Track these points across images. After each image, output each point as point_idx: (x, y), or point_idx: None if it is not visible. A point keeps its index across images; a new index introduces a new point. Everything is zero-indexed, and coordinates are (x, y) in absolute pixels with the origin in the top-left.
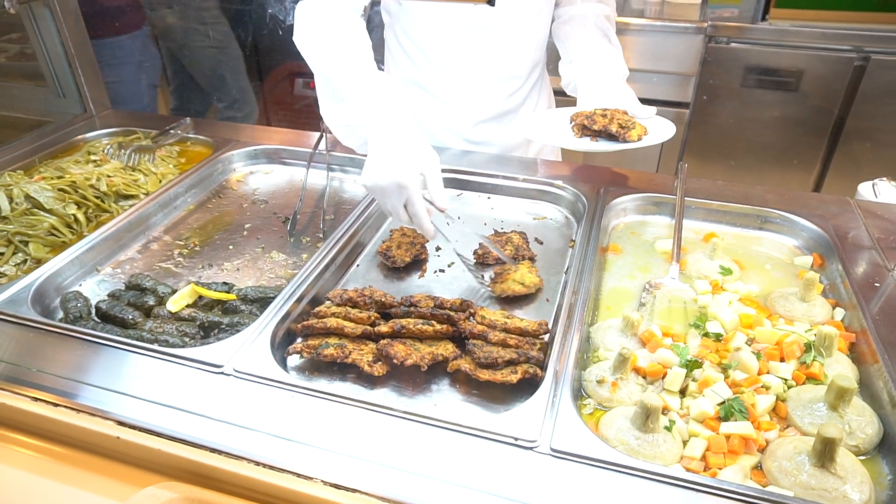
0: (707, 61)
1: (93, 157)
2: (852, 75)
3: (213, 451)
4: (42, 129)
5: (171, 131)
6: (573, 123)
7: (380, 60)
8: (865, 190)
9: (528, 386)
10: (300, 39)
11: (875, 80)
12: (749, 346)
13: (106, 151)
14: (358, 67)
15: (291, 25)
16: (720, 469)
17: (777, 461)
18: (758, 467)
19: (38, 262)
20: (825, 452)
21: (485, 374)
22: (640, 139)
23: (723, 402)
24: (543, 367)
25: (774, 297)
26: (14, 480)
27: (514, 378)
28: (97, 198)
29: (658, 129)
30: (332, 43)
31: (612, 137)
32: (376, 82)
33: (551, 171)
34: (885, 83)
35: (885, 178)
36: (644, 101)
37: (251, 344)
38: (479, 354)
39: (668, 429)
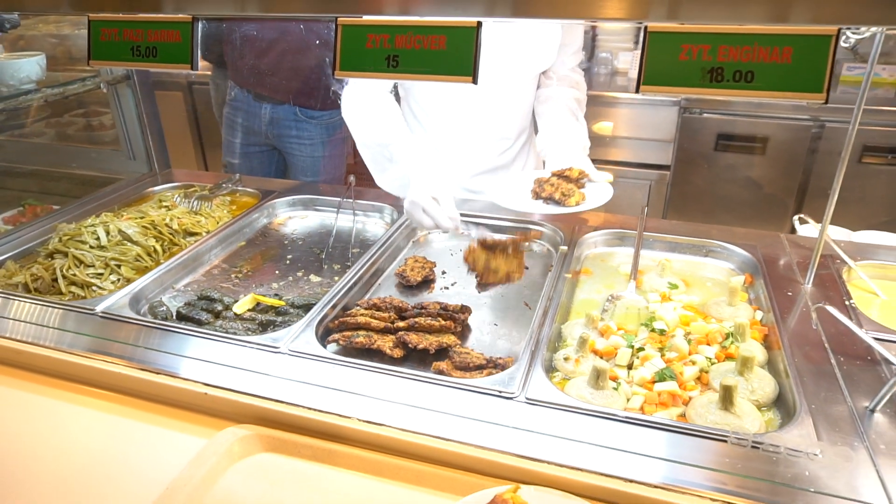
0: (683, 129)
1: (164, 204)
2: (811, 141)
3: (276, 401)
4: (117, 184)
5: (224, 185)
6: (531, 188)
7: None
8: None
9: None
10: (348, 118)
11: (831, 144)
12: (685, 337)
13: (175, 199)
14: (398, 135)
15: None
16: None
17: (694, 408)
18: (682, 416)
19: (128, 281)
20: (726, 398)
21: (458, 374)
22: (577, 205)
23: (658, 371)
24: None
25: (709, 304)
26: (131, 430)
27: (480, 375)
28: (170, 234)
29: (598, 196)
30: (376, 119)
31: (556, 203)
32: (412, 146)
33: (534, 215)
34: (839, 147)
35: (802, 215)
36: (629, 164)
37: (300, 334)
38: (457, 360)
39: (616, 389)
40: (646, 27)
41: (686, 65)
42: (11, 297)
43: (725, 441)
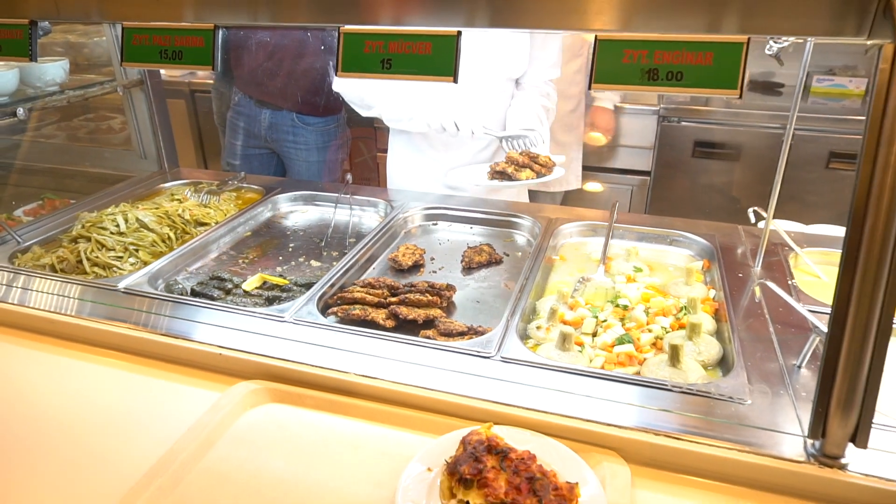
0: (662, 137)
1: (176, 197)
2: (781, 148)
3: (282, 360)
4: (130, 181)
5: (230, 181)
6: (489, 171)
7: None
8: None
9: None
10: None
11: (801, 151)
12: (644, 311)
13: (186, 193)
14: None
15: None
16: None
17: (647, 366)
18: (637, 374)
19: (145, 264)
20: (674, 355)
21: (442, 339)
22: (527, 179)
23: (618, 336)
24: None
25: (669, 284)
26: (154, 387)
27: (462, 340)
28: (182, 223)
29: (549, 175)
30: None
31: (508, 177)
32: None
33: (517, 209)
34: (808, 154)
35: (756, 208)
36: (612, 169)
37: (303, 306)
38: (442, 328)
39: (581, 352)
40: (596, 36)
41: (628, 66)
42: (40, 276)
43: (670, 390)
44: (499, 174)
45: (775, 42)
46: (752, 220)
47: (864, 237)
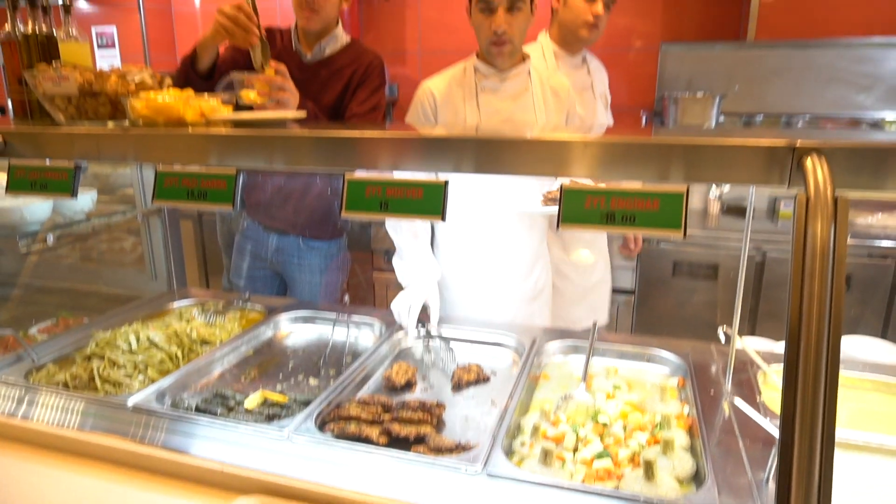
0: (643, 258)
1: (185, 317)
2: (755, 269)
3: (280, 475)
4: (141, 301)
5: (235, 302)
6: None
7: None
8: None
9: None
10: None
11: (773, 272)
12: (623, 427)
13: (193, 313)
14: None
15: None
16: None
17: (625, 481)
18: (616, 488)
19: (153, 381)
20: (649, 470)
21: (432, 455)
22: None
23: (597, 452)
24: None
25: (646, 400)
26: (157, 501)
27: (451, 456)
28: (190, 342)
29: None
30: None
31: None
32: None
33: (505, 328)
34: (782, 274)
35: (723, 326)
36: None
37: (301, 423)
38: (432, 444)
39: (562, 468)
40: (561, 185)
41: (590, 211)
42: (53, 392)
43: None
44: (552, 201)
45: (717, 187)
46: (722, 339)
47: (801, 355)
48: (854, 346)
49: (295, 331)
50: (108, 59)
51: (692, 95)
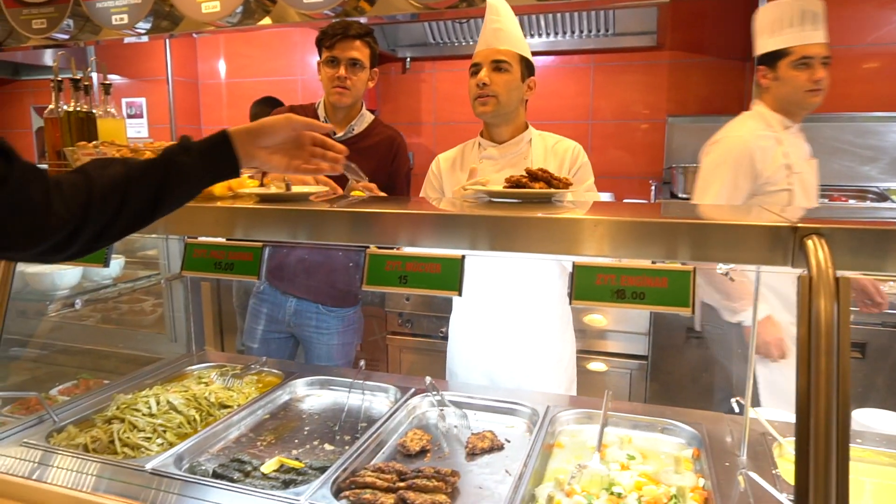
0: (656, 324)
1: (203, 381)
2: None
3: None
4: (160, 363)
5: (253, 366)
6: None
7: None
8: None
9: None
10: None
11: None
12: (637, 499)
13: (212, 377)
14: None
15: None
16: None
17: None
18: None
19: (171, 445)
20: None
21: None
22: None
23: None
24: None
25: (661, 472)
26: None
27: None
28: (208, 406)
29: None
30: None
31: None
32: None
33: (519, 396)
34: None
35: (738, 398)
36: (612, 353)
37: (317, 490)
38: None
39: None
40: (574, 263)
41: (601, 287)
42: (72, 455)
43: None
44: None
45: (724, 265)
46: (736, 409)
47: (811, 431)
48: (872, 419)
49: (311, 395)
50: (135, 128)
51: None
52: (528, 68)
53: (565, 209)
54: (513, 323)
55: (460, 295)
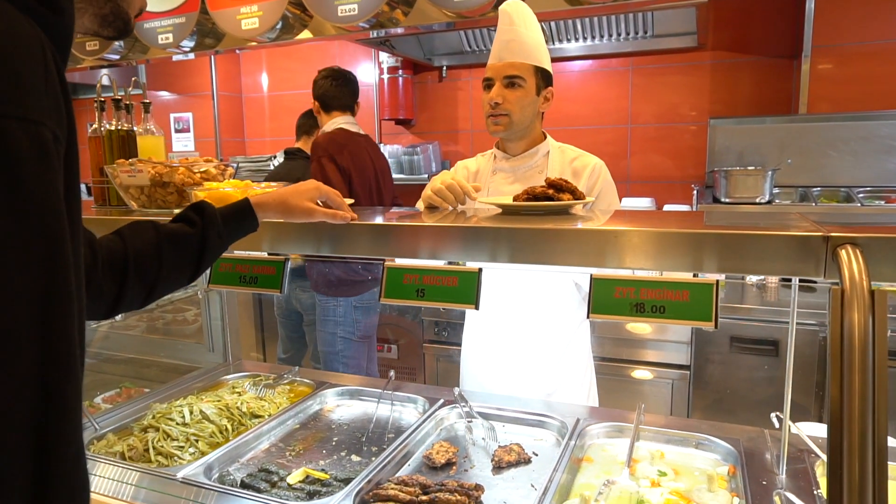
0: (698, 333)
1: (237, 390)
2: (820, 345)
3: None
4: (198, 372)
5: (285, 375)
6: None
7: None
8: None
9: None
10: None
11: None
12: None
13: (245, 386)
14: None
15: None
16: None
17: None
18: None
19: (202, 454)
20: None
21: None
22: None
23: None
24: None
25: (693, 490)
26: None
27: None
28: (240, 415)
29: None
30: None
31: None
32: None
33: (547, 409)
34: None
35: (777, 413)
36: (652, 363)
37: (340, 501)
38: None
39: None
40: (591, 275)
41: (619, 301)
42: (108, 462)
43: None
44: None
45: (754, 276)
46: (776, 424)
47: (844, 451)
48: None
49: (341, 405)
50: (182, 142)
51: (743, 169)
52: (544, 79)
53: (588, 219)
54: (525, 337)
55: (477, 308)
